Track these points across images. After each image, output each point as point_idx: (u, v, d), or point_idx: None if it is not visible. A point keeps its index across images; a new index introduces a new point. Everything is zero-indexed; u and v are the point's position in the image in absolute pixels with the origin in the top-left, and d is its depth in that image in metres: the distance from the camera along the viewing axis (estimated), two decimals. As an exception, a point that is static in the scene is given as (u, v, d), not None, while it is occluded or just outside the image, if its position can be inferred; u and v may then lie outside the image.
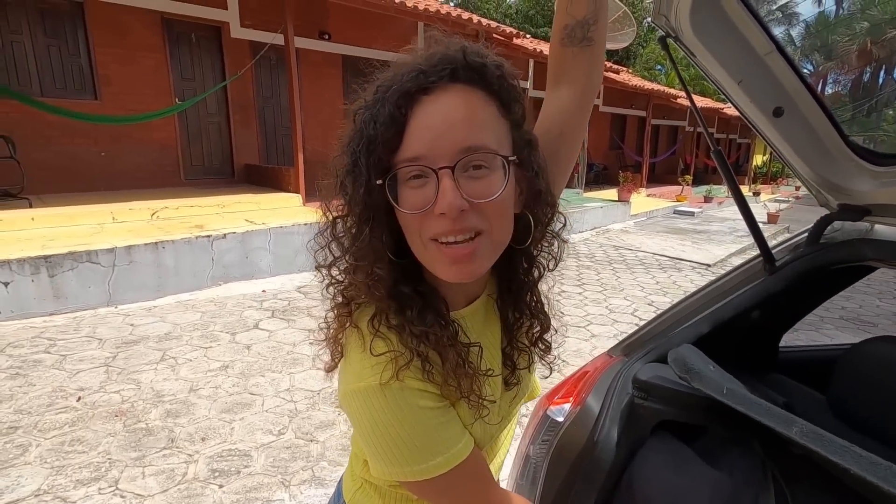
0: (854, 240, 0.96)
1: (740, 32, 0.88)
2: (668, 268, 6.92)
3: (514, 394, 0.70)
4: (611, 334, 4.32)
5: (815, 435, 0.67)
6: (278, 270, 5.35)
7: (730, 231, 10.04)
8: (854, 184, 0.92)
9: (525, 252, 0.63)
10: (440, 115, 0.51)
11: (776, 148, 0.97)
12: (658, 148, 16.90)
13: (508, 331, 0.67)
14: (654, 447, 0.98)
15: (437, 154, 0.50)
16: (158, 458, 2.35)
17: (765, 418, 0.72)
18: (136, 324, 3.97)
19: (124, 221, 5.23)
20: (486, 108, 0.54)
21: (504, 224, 0.55)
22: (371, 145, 0.52)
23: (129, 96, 6.58)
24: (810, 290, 1.12)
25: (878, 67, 5.57)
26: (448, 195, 0.49)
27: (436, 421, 0.56)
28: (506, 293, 0.66)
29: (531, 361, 0.71)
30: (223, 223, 5.37)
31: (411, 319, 0.56)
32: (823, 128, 0.90)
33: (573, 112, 0.70)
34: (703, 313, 1.07)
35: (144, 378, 3.11)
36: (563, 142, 0.70)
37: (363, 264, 0.55)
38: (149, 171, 6.93)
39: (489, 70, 0.54)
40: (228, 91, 7.52)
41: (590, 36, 0.69)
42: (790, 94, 0.89)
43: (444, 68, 0.52)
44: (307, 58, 8.09)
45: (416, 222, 0.53)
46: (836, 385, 0.98)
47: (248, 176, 7.97)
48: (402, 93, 0.51)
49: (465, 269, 0.53)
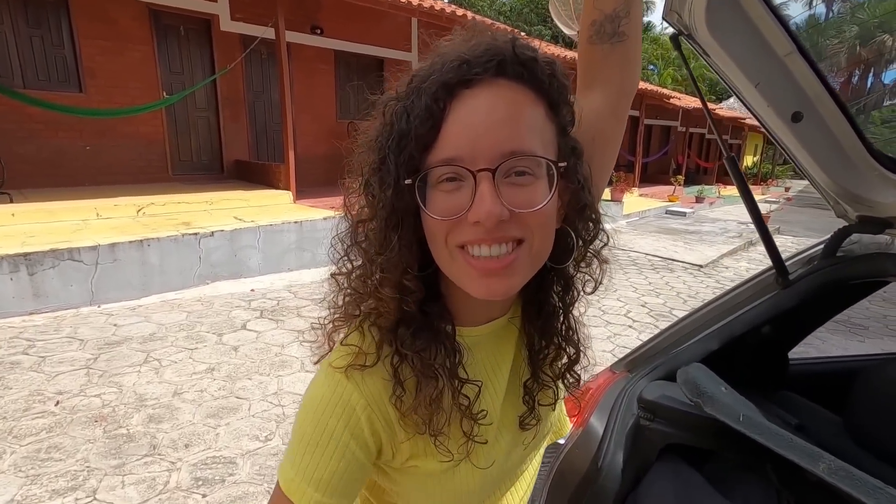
0: (875, 254, 0.90)
1: (759, 31, 0.82)
2: (660, 268, 6.91)
3: (533, 434, 0.62)
4: (604, 336, 4.29)
5: (845, 473, 0.61)
6: (267, 269, 5.25)
7: (721, 232, 10.07)
8: (876, 194, 0.86)
9: (562, 272, 0.56)
10: (483, 113, 0.45)
11: (793, 155, 0.91)
12: (650, 148, 16.94)
13: (533, 361, 0.59)
14: (662, 473, 0.92)
15: (477, 155, 0.45)
16: (139, 466, 2.27)
17: (788, 452, 0.66)
18: (120, 324, 3.87)
19: (109, 218, 5.10)
20: (535, 109, 0.48)
21: (546, 235, 0.49)
22: (402, 141, 0.47)
23: (115, 89, 6.42)
24: (825, 304, 1.07)
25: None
26: (486, 201, 0.44)
27: (342, 454, 0.50)
28: (534, 317, 0.58)
29: (556, 398, 0.62)
30: (211, 220, 5.26)
31: (402, 338, 0.51)
32: (845, 134, 0.84)
33: (607, 117, 0.63)
34: (712, 328, 1.01)
35: (127, 381, 3.02)
36: (595, 150, 0.60)
37: (390, 276, 0.49)
38: (135, 166, 6.79)
39: (540, 66, 0.48)
40: (218, 85, 7.37)
41: (621, 31, 0.61)
42: (811, 98, 0.83)
43: (490, 59, 0.46)
44: (299, 53, 7.96)
45: (444, 229, 0.47)
46: (853, 408, 0.93)
47: (237, 172, 7.84)
48: (441, 84, 0.46)
49: (499, 284, 0.48)
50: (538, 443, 0.66)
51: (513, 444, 0.61)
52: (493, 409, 0.58)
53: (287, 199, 6.46)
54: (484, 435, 0.55)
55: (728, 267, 7.38)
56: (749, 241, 9.12)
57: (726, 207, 14.67)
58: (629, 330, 4.47)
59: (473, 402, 0.53)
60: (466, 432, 0.53)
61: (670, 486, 0.90)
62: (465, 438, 0.53)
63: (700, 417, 0.90)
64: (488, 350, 0.58)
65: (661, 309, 5.11)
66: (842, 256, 0.96)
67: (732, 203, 15.84)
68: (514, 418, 0.60)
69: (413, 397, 0.51)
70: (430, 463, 0.55)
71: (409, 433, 0.53)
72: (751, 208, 0.97)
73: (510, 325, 0.60)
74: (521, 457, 0.63)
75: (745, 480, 0.92)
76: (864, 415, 0.93)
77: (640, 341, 4.05)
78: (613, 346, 4.06)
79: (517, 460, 0.63)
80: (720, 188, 17.98)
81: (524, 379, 0.60)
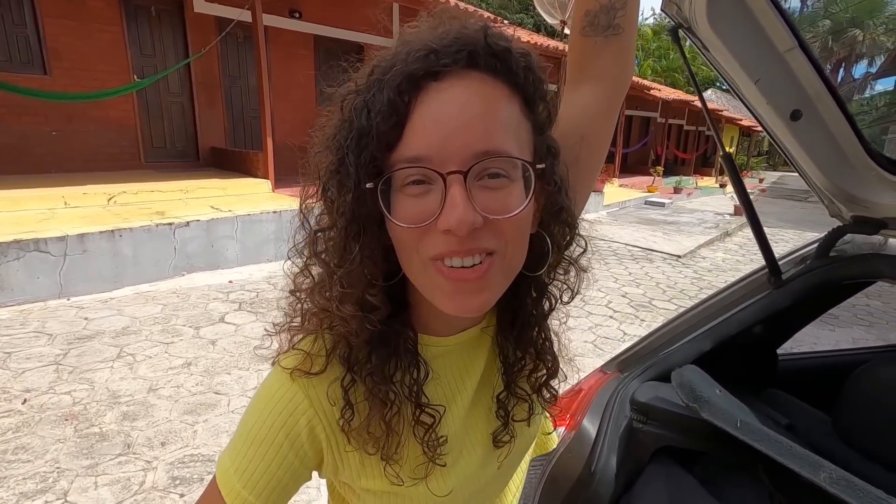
0: (868, 255, 0.90)
1: (760, 25, 0.79)
2: (640, 259, 7.00)
3: (507, 452, 0.58)
4: (585, 326, 4.32)
5: (847, 483, 0.60)
6: (246, 260, 5.13)
7: (699, 223, 10.24)
8: (872, 195, 0.85)
9: (537, 280, 0.52)
10: (453, 108, 0.41)
11: (789, 153, 0.89)
12: (630, 139, 17.09)
13: (507, 373, 0.55)
14: (654, 476, 0.91)
15: (447, 156, 0.40)
16: (113, 466, 2.19)
17: (788, 461, 0.65)
18: (91, 317, 3.73)
19: (77, 207, 4.90)
20: (510, 105, 0.44)
21: (520, 245, 0.46)
22: (363, 140, 0.42)
23: (82, 72, 6.15)
24: (816, 303, 1.07)
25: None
26: (458, 208, 0.39)
27: (279, 459, 0.48)
28: (508, 327, 0.54)
29: (531, 412, 0.58)
30: (187, 210, 5.10)
31: (357, 356, 0.48)
32: (843, 134, 0.83)
33: (597, 114, 0.59)
34: (704, 328, 1.00)
35: (99, 377, 2.91)
36: (583, 148, 0.57)
37: (352, 291, 0.45)
38: (105, 152, 6.53)
39: (514, 58, 0.44)
40: (192, 69, 7.12)
41: (616, 23, 0.57)
42: (810, 95, 0.81)
43: (460, 50, 0.42)
44: (277, 37, 7.74)
45: (413, 238, 0.43)
46: (843, 409, 0.93)
47: (213, 160, 7.62)
48: (406, 75, 0.41)
49: (472, 300, 0.44)
50: (515, 460, 0.62)
51: (484, 462, 0.57)
52: (454, 432, 0.54)
53: (266, 189, 6.31)
54: (443, 458, 0.51)
55: (705, 257, 7.52)
56: (725, 232, 9.30)
57: (703, 198, 14.94)
58: (610, 321, 4.51)
59: (433, 428, 0.50)
60: (423, 458, 0.50)
61: (664, 489, 0.89)
62: (420, 463, 0.50)
63: (693, 420, 0.89)
64: (456, 363, 0.55)
65: (641, 299, 5.17)
66: (835, 257, 0.95)
67: (709, 194, 16.14)
68: (487, 435, 0.57)
69: (362, 419, 0.48)
70: (378, 482, 0.51)
71: (357, 447, 0.50)
72: (746, 206, 0.95)
73: (483, 334, 0.56)
74: (494, 475, 0.60)
75: (737, 482, 0.91)
76: (853, 416, 0.93)
77: (622, 332, 4.11)
78: (595, 337, 4.10)
79: (490, 479, 0.59)
80: (697, 179, 18.29)
81: (497, 392, 0.56)
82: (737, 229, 9.93)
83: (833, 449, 0.92)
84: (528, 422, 0.58)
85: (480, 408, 0.57)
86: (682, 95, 17.34)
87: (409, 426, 0.50)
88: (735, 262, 7.32)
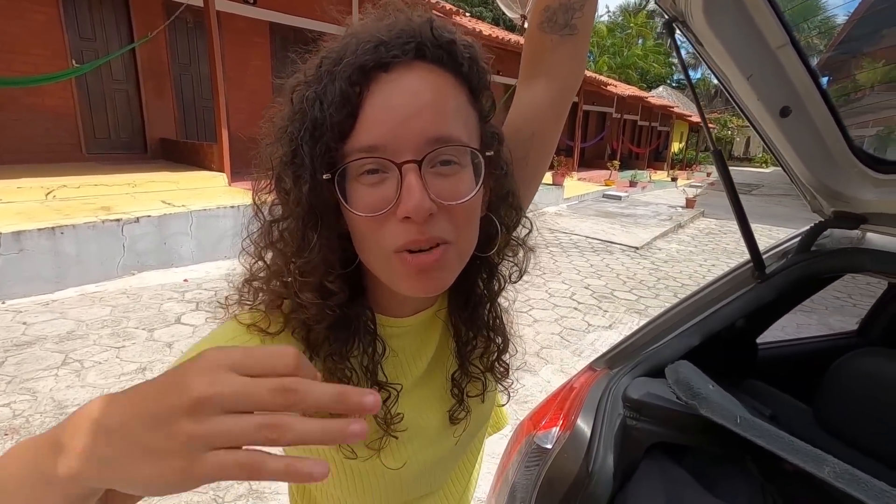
0: (849, 249, 0.93)
1: (754, 21, 0.79)
2: (600, 251, 7.17)
3: (463, 427, 0.60)
4: (551, 318, 4.38)
5: (850, 476, 0.61)
6: (202, 257, 4.89)
7: (653, 215, 10.61)
8: (854, 191, 0.88)
9: (486, 260, 0.54)
10: (404, 98, 0.42)
11: (775, 149, 0.91)
12: (588, 133, 17.47)
13: (461, 352, 0.57)
14: (648, 472, 0.91)
15: (400, 144, 0.42)
16: (62, 483, 2.03)
17: (792, 456, 0.66)
18: (30, 322, 3.46)
19: (11, 202, 4.52)
20: (456, 94, 0.46)
21: (471, 232, 0.48)
22: (316, 131, 0.43)
23: (13, 55, 5.66)
24: (797, 295, 1.10)
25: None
26: (415, 195, 0.41)
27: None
28: (460, 308, 0.56)
29: (485, 389, 0.60)
30: (135, 205, 4.80)
31: (316, 337, 0.49)
32: (829, 131, 0.84)
33: (549, 110, 0.61)
34: (692, 322, 1.01)
35: (42, 386, 2.70)
36: (534, 144, 0.60)
37: (311, 279, 0.46)
38: (41, 143, 6.06)
39: (459, 50, 0.46)
40: (138, 55, 6.70)
41: (573, 23, 0.59)
42: (800, 93, 0.82)
43: (408, 42, 0.43)
44: (230, 23, 7.38)
45: (373, 228, 0.44)
46: (823, 399, 0.96)
47: (163, 152, 7.22)
48: (357, 67, 0.42)
49: (431, 282, 0.46)
50: (471, 434, 0.64)
51: (437, 437, 0.59)
52: (408, 409, 0.55)
53: (222, 182, 6.04)
54: (397, 433, 0.53)
55: (661, 248, 7.79)
56: (678, 224, 9.68)
57: (657, 192, 15.50)
58: (575, 312, 4.60)
59: (390, 407, 0.52)
60: (378, 432, 0.52)
61: (659, 485, 0.89)
62: (374, 438, 0.52)
63: (686, 415, 0.89)
64: (411, 343, 0.57)
65: (603, 290, 5.30)
66: (815, 251, 0.98)
67: (662, 187, 16.76)
68: (443, 413, 0.58)
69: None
70: (331, 453, 0.53)
71: None
72: (733, 201, 0.96)
73: (436, 317, 0.58)
74: (451, 450, 0.61)
75: (728, 474, 0.93)
76: (830, 403, 0.96)
77: (586, 323, 4.19)
78: (561, 329, 4.16)
79: (446, 453, 0.61)
80: (651, 173, 18.95)
81: (451, 371, 0.58)
82: (689, 221, 10.35)
83: (814, 437, 0.95)
84: (482, 397, 0.60)
85: (434, 387, 0.59)
86: (636, 92, 17.88)
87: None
88: (689, 253, 7.63)
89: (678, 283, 5.83)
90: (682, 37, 0.90)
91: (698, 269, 6.69)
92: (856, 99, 0.87)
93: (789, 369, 1.26)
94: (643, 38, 30.50)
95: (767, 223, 10.39)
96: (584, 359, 3.58)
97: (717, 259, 7.36)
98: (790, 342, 1.40)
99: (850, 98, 0.87)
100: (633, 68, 27.62)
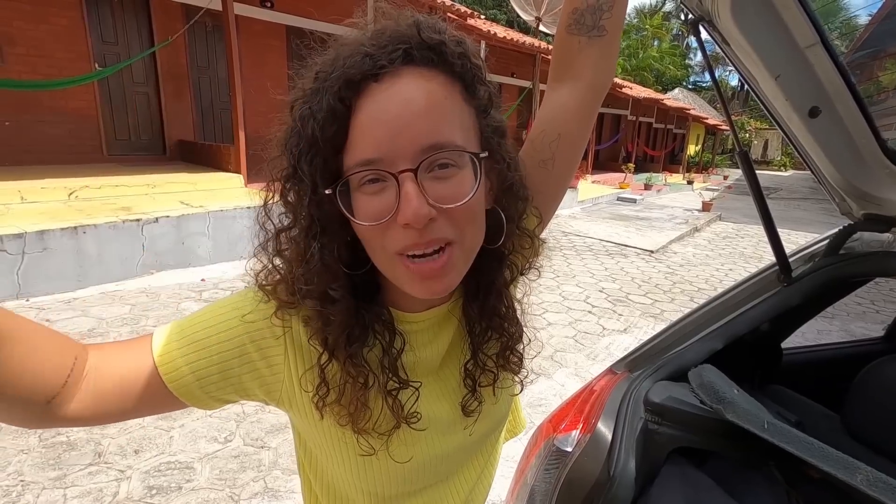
0: (880, 252, 0.91)
1: (783, 20, 0.78)
2: (614, 254, 7.11)
3: (476, 418, 0.60)
4: (565, 322, 4.35)
5: (885, 485, 0.60)
6: (219, 257, 4.96)
7: (669, 218, 10.49)
8: (886, 192, 0.86)
9: (496, 251, 0.54)
10: (395, 108, 0.43)
11: (804, 150, 0.89)
12: (602, 135, 17.36)
13: (474, 342, 0.58)
14: (670, 477, 0.89)
15: (395, 155, 0.42)
16: (83, 477, 2.07)
17: (822, 463, 0.64)
18: (53, 319, 3.53)
19: (35, 202, 4.63)
20: (450, 95, 0.46)
21: (476, 229, 0.49)
22: (312, 147, 0.44)
23: (38, 59, 5.81)
24: (825, 299, 1.08)
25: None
26: (412, 203, 0.42)
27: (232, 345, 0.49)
28: (473, 298, 0.57)
29: (496, 379, 0.60)
30: (155, 205, 4.89)
31: (336, 342, 0.49)
32: (860, 131, 0.83)
33: (576, 113, 0.61)
34: (715, 326, 1.00)
35: (64, 382, 2.75)
36: (559, 146, 0.60)
37: (314, 288, 0.48)
38: (64, 144, 6.19)
39: (449, 48, 0.46)
40: (158, 59, 6.83)
41: (601, 24, 0.58)
42: (829, 92, 0.81)
43: (395, 49, 0.44)
44: (248, 27, 7.48)
45: (378, 234, 0.45)
46: (851, 406, 0.94)
47: (181, 153, 7.33)
48: (345, 80, 0.43)
49: (437, 284, 0.47)
50: (486, 432, 0.64)
51: (451, 428, 0.59)
52: (422, 402, 0.56)
53: (238, 183, 6.11)
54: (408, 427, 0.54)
55: (677, 252, 7.70)
56: (694, 228, 9.56)
57: (672, 195, 15.32)
58: (589, 315, 4.56)
59: (409, 406, 0.53)
60: (397, 418, 0.52)
61: (680, 490, 0.87)
62: (389, 433, 0.53)
63: (709, 420, 0.88)
64: (425, 339, 0.57)
65: (617, 294, 5.25)
66: (844, 254, 0.96)
67: (678, 190, 16.57)
68: (455, 405, 0.59)
69: (337, 396, 0.50)
70: (343, 441, 0.54)
71: (330, 421, 0.52)
72: (759, 203, 0.95)
73: (450, 312, 0.59)
74: (463, 444, 0.61)
75: (751, 480, 0.91)
76: (859, 410, 0.94)
77: (601, 326, 4.16)
78: (575, 332, 4.13)
79: (457, 447, 0.61)
80: (667, 176, 18.75)
81: (464, 361, 0.59)
82: (705, 225, 10.22)
83: (841, 444, 0.93)
84: (492, 387, 0.60)
85: (448, 379, 0.59)
86: (652, 94, 17.71)
87: (381, 397, 0.52)
88: (705, 257, 7.52)
89: (694, 288, 5.76)
90: (706, 36, 0.89)
91: (715, 273, 6.59)
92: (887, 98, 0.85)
93: (814, 375, 1.24)
94: (658, 40, 30.23)
95: (787, 227, 10.22)
96: (598, 362, 3.55)
97: (735, 263, 7.24)
98: (814, 348, 1.37)
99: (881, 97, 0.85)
100: (649, 70, 27.37)
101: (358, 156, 0.43)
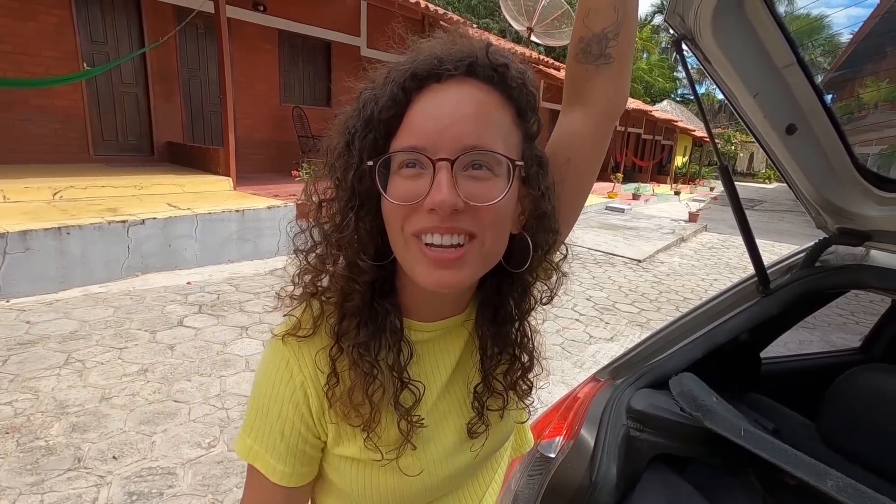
0: (853, 265, 0.94)
1: (761, 41, 0.81)
2: (602, 263, 7.17)
3: (482, 442, 0.60)
4: (553, 329, 4.37)
5: (854, 490, 0.61)
6: (206, 261, 4.91)
7: (656, 228, 10.61)
8: (859, 207, 0.89)
9: (519, 278, 0.56)
10: (448, 106, 0.47)
11: (782, 165, 0.92)
12: (591, 145, 17.47)
13: (485, 366, 0.58)
14: (651, 483, 0.91)
15: (439, 146, 0.46)
16: (62, 483, 2.03)
17: (795, 469, 0.66)
18: (34, 321, 3.47)
19: (18, 202, 4.56)
20: (501, 112, 0.49)
21: (498, 234, 0.50)
22: (368, 125, 0.49)
23: (25, 57, 5.74)
24: (802, 310, 1.11)
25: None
26: (443, 189, 0.45)
27: (287, 422, 0.53)
28: (489, 321, 0.58)
29: (505, 405, 0.61)
30: (141, 207, 4.84)
31: (346, 329, 0.52)
32: (834, 148, 0.86)
33: (587, 138, 0.61)
34: (695, 336, 1.02)
35: (44, 385, 2.70)
36: (569, 170, 0.60)
37: (345, 254, 0.51)
38: (50, 143, 6.11)
39: (511, 73, 0.50)
40: (148, 60, 6.79)
41: (608, 52, 0.59)
42: (805, 110, 0.84)
43: (462, 59, 0.48)
44: (240, 30, 7.48)
45: (401, 215, 0.48)
46: (826, 414, 0.97)
47: (169, 155, 7.27)
48: (412, 74, 0.48)
49: (449, 276, 0.48)
50: (492, 449, 0.64)
51: (455, 449, 0.59)
52: (427, 415, 0.56)
53: (227, 186, 6.07)
54: (415, 440, 0.55)
55: (663, 262, 7.79)
56: (681, 238, 9.68)
57: (660, 205, 15.50)
58: (576, 323, 4.59)
59: (415, 406, 0.54)
60: (403, 432, 0.53)
61: (661, 496, 0.89)
62: (399, 441, 0.53)
63: (689, 427, 0.90)
64: (435, 349, 0.58)
65: (604, 303, 5.30)
66: (819, 267, 0.99)
67: (665, 200, 16.77)
68: (461, 426, 0.59)
69: (346, 388, 0.52)
70: (351, 448, 0.55)
71: (339, 418, 0.54)
72: (739, 217, 0.97)
73: (462, 328, 0.59)
74: (469, 464, 0.61)
75: (730, 486, 0.93)
76: (837, 421, 0.96)
77: (588, 335, 4.18)
78: (562, 340, 4.16)
79: (463, 467, 0.61)
80: (654, 186, 18.98)
81: (474, 384, 0.59)
82: (691, 235, 10.35)
83: (816, 451, 0.95)
84: (501, 413, 0.61)
85: (455, 397, 0.60)
86: (640, 105, 17.96)
87: (389, 403, 0.53)
88: (691, 267, 7.62)
89: (680, 297, 5.83)
90: (689, 53, 0.92)
91: (700, 283, 6.68)
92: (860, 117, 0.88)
93: (792, 384, 1.26)
94: (648, 53, 30.70)
95: (770, 238, 10.39)
96: (584, 370, 3.58)
97: (720, 273, 7.35)
98: (793, 357, 1.40)
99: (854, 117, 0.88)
100: (638, 82, 27.77)
101: (404, 141, 0.47)
